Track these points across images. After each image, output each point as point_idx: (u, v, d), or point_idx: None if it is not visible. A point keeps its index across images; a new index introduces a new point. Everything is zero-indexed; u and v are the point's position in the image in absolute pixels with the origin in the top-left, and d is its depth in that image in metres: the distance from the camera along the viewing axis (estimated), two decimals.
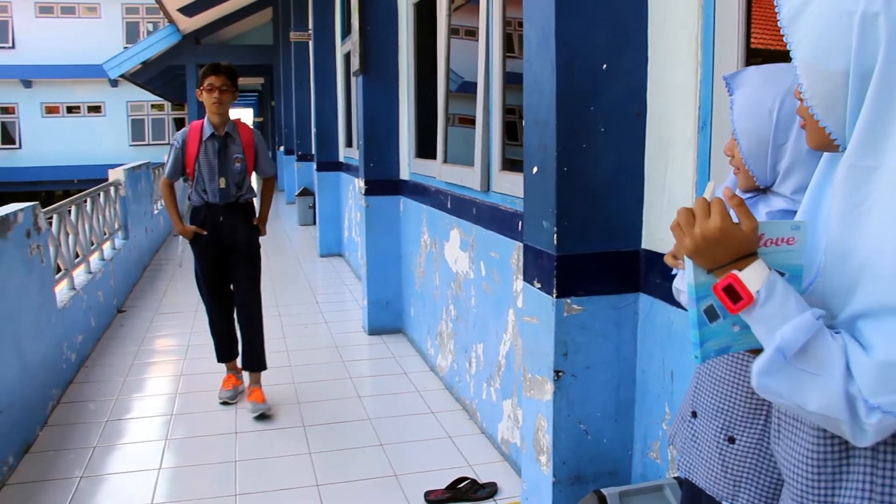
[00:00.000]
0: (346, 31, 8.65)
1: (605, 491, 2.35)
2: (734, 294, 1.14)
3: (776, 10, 1.16)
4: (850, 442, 1.10)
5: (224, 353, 5.02)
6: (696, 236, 1.16)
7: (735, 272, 1.13)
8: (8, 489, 3.74)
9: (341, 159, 10.33)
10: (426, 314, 5.64)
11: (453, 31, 5.16)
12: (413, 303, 6.09)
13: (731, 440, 1.65)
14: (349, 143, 9.57)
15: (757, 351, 1.18)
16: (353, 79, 7.35)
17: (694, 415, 1.76)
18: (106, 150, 27.96)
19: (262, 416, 4.57)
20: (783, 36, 1.14)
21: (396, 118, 6.39)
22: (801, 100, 1.16)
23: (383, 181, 6.42)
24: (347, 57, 8.98)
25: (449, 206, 4.85)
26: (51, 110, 28.76)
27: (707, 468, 1.70)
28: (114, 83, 26.52)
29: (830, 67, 1.07)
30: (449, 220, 4.90)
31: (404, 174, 6.29)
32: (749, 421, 1.62)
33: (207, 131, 4.54)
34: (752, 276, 1.12)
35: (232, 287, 4.81)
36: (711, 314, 1.21)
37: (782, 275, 1.15)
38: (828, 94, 1.09)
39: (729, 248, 1.14)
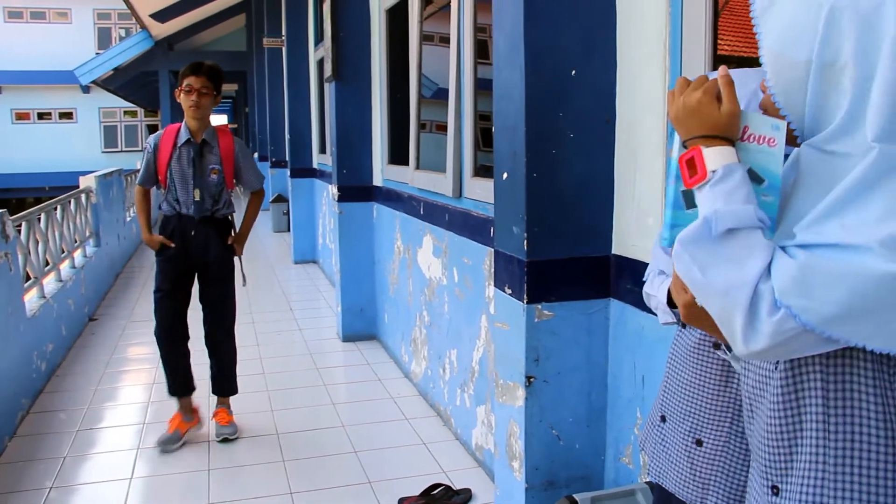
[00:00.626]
0: (320, 38, 8.63)
1: (577, 496, 2.35)
2: (693, 168, 1.17)
3: (750, 3, 1.18)
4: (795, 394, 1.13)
5: (179, 385, 4.47)
6: (678, 104, 1.22)
7: (701, 147, 1.17)
8: None
9: (315, 166, 10.30)
10: (400, 320, 5.64)
11: (428, 38, 5.17)
12: (387, 309, 6.08)
13: (699, 443, 1.65)
14: (323, 150, 9.55)
15: (722, 338, 1.21)
16: (326, 85, 7.34)
17: (663, 419, 1.76)
18: (78, 157, 27.69)
19: (226, 440, 4.37)
20: (754, 27, 1.17)
21: (369, 124, 6.39)
22: (765, 92, 1.19)
23: (356, 187, 6.41)
24: (321, 63, 8.96)
25: (422, 212, 4.85)
26: (21, 116, 28.49)
27: (676, 472, 1.70)
28: (86, 89, 26.36)
29: (796, 56, 1.10)
30: (422, 226, 4.89)
31: (377, 180, 6.28)
32: (716, 423, 1.62)
33: (183, 136, 4.16)
34: (715, 156, 1.16)
35: (202, 308, 4.44)
36: (689, 200, 1.23)
37: (761, 181, 1.17)
38: (790, 83, 1.12)
39: (703, 121, 1.18)
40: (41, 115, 28.84)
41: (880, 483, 1.07)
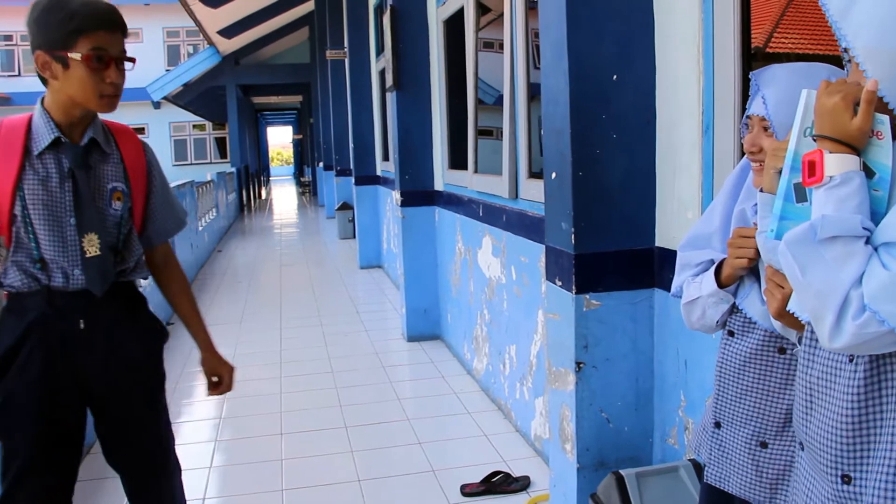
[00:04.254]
0: (381, 49, 8.91)
1: (623, 472, 2.52)
2: (812, 169, 1.25)
3: (823, 9, 1.26)
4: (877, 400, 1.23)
5: None
6: (821, 102, 1.26)
7: (825, 151, 1.24)
8: None
9: (378, 173, 10.58)
10: (462, 320, 5.84)
11: (488, 45, 5.37)
12: (450, 309, 6.29)
13: (764, 445, 1.75)
14: (386, 157, 9.81)
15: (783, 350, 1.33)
16: (387, 94, 7.59)
17: (717, 425, 1.85)
18: None
19: None
20: (834, 29, 1.24)
21: (430, 131, 6.61)
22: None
23: (418, 192, 6.64)
24: (382, 73, 9.24)
25: (481, 214, 5.05)
26: None
27: (740, 475, 1.79)
28: (156, 105, 27.16)
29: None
30: (481, 227, 5.09)
31: (438, 185, 6.50)
32: (781, 426, 1.72)
33: (44, 136, 2.19)
34: (836, 163, 1.22)
35: (122, 478, 2.53)
36: (800, 193, 1.31)
37: (873, 175, 1.23)
38: (894, 73, 1.19)
39: (834, 126, 1.24)
40: None
41: None
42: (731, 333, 1.79)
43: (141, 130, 29.83)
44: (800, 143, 1.32)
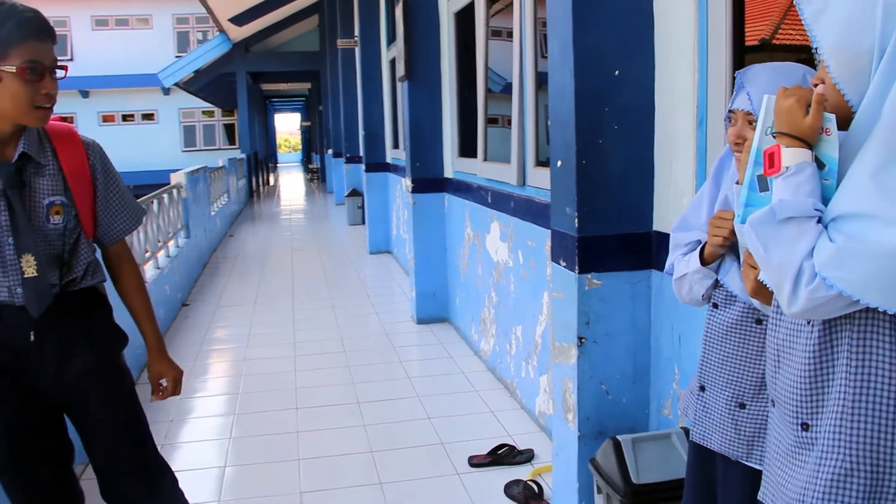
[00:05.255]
0: (392, 39, 9.09)
1: (620, 438, 2.73)
2: (772, 161, 1.46)
3: (799, 12, 1.44)
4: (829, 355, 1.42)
5: None
6: (779, 104, 1.48)
7: (782, 146, 1.45)
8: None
9: (388, 160, 10.77)
10: (470, 302, 6.04)
11: (496, 34, 5.54)
12: (458, 293, 6.50)
13: (742, 406, 1.95)
14: (396, 145, 10.00)
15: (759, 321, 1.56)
16: (398, 83, 7.79)
17: (702, 388, 2.05)
18: (159, 156, 28.84)
19: None
20: (808, 31, 1.44)
21: (440, 120, 6.81)
22: (820, 84, 1.46)
23: (429, 179, 6.85)
24: (393, 63, 9.43)
25: (489, 200, 5.25)
26: (107, 119, 29.83)
27: (721, 433, 1.99)
28: (166, 91, 27.41)
29: (858, 48, 1.36)
30: (490, 213, 5.29)
31: (448, 172, 6.70)
32: (757, 388, 1.92)
33: None
34: (791, 155, 1.42)
35: (94, 469, 2.46)
36: (763, 184, 1.50)
37: (823, 166, 1.43)
38: (855, 71, 1.38)
39: (790, 123, 1.44)
40: (125, 117, 30.14)
41: (889, 414, 1.35)
42: (715, 306, 2.00)
43: (150, 116, 30.08)
44: (762, 140, 1.52)
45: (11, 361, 2.23)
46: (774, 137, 1.49)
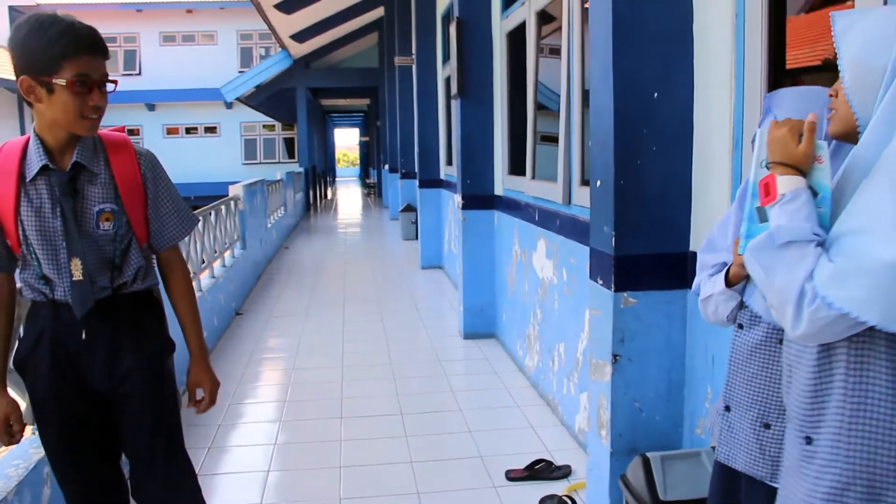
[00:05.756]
0: (447, 57, 9.21)
1: (649, 454, 2.77)
2: (768, 190, 1.52)
3: (832, 24, 1.51)
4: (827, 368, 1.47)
5: None
6: (772, 134, 1.57)
7: (777, 174, 1.52)
8: None
9: (442, 176, 10.89)
10: (516, 319, 6.10)
11: (554, 52, 5.60)
12: (505, 309, 6.55)
13: (767, 426, 1.97)
14: (449, 162, 10.11)
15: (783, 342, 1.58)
16: (452, 101, 7.89)
17: (727, 409, 2.08)
18: (221, 169, 29.44)
19: None
20: (835, 44, 1.50)
21: (491, 137, 6.89)
22: (835, 95, 1.53)
23: (479, 196, 6.93)
24: (448, 80, 9.54)
25: (536, 218, 5.31)
26: (171, 131, 30.55)
27: (746, 453, 2.02)
28: (228, 105, 27.92)
29: (873, 63, 1.44)
30: (536, 231, 5.35)
31: (498, 190, 6.77)
32: (782, 409, 1.90)
33: (34, 162, 2.29)
34: (786, 183, 1.50)
35: (130, 466, 2.55)
36: (762, 215, 1.56)
37: (816, 194, 1.49)
38: (866, 85, 1.45)
39: (783, 152, 1.53)
40: (188, 130, 30.85)
41: (886, 430, 1.40)
42: (740, 327, 2.04)
43: (212, 129, 30.71)
44: (757, 174, 1.59)
45: (65, 358, 2.36)
46: (768, 168, 1.54)
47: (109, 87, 2.27)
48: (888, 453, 1.39)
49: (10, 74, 22.76)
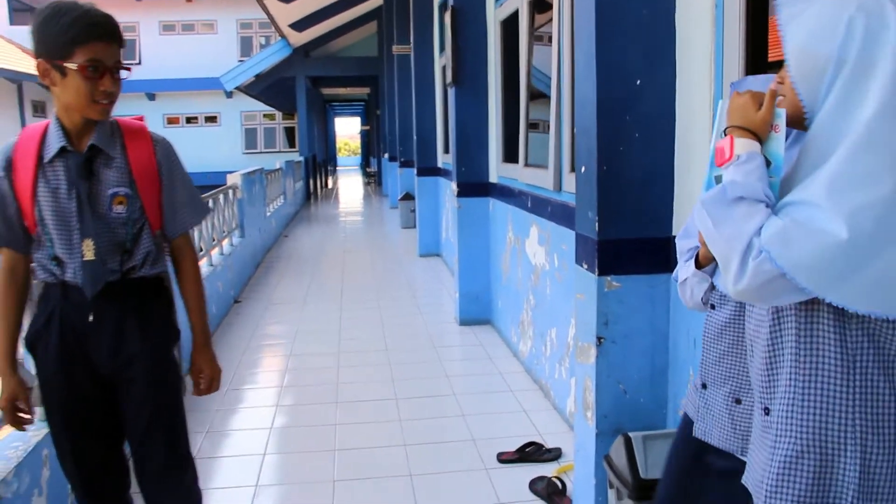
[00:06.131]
0: (444, 46, 9.25)
1: (631, 434, 2.84)
2: (725, 153, 1.57)
3: (777, 13, 1.54)
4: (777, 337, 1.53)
5: None
6: (733, 101, 1.62)
7: (734, 137, 1.57)
8: None
9: (439, 165, 10.94)
10: (510, 305, 6.17)
11: (550, 39, 5.66)
12: (500, 295, 6.63)
13: (738, 401, 2.03)
14: (447, 150, 10.15)
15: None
16: (448, 89, 7.95)
17: (704, 386, 2.14)
18: (221, 158, 29.44)
19: None
20: (779, 32, 1.53)
21: (486, 125, 6.95)
22: (781, 83, 1.58)
23: (474, 184, 6.99)
24: (444, 69, 9.59)
25: (529, 205, 5.37)
26: (172, 121, 30.58)
27: (720, 428, 2.09)
28: (229, 94, 27.92)
29: (819, 51, 1.47)
30: (529, 217, 5.41)
31: (493, 177, 6.83)
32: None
33: (53, 144, 2.36)
34: (743, 146, 1.54)
35: (130, 448, 2.59)
36: (719, 182, 1.59)
37: (769, 164, 1.54)
38: (811, 73, 1.48)
39: (742, 117, 1.57)
40: (189, 120, 30.89)
41: (836, 400, 1.46)
42: (712, 307, 2.10)
43: (213, 119, 30.72)
44: (717, 141, 1.64)
45: (73, 338, 2.41)
46: (726, 134, 1.61)
47: (124, 73, 2.33)
48: (839, 422, 1.46)
49: (9, 64, 22.61)
